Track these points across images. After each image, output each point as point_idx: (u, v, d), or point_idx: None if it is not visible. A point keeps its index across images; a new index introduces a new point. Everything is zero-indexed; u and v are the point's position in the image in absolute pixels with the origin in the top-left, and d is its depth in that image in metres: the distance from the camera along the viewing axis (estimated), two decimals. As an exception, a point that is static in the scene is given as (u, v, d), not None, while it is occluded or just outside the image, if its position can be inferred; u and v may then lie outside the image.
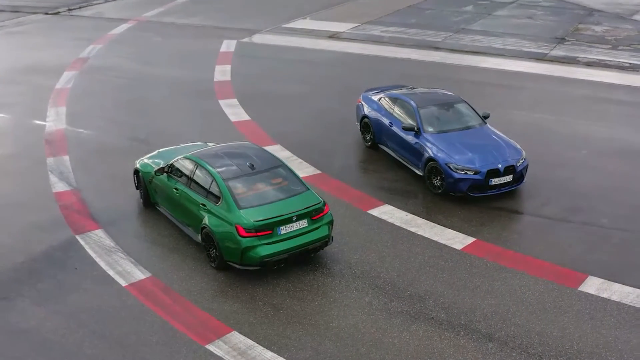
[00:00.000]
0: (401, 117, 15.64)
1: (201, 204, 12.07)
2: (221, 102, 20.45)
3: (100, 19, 32.34)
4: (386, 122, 16.01)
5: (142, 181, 14.01)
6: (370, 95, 17.14)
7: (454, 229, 13.24)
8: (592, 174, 15.55)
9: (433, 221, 13.55)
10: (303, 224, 11.61)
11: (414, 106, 15.45)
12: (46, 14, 33.75)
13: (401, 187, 15.03)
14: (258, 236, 11.27)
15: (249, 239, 11.25)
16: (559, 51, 25.02)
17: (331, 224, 12.02)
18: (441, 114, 15.44)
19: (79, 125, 18.91)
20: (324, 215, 11.87)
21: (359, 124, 17.29)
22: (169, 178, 13.06)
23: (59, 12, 33.96)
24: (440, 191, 14.37)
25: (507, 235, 13.07)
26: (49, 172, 15.92)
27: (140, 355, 9.99)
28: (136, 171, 14.23)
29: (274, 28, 29.45)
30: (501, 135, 15.12)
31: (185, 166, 12.79)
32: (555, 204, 14.15)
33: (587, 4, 32.70)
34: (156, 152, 14.52)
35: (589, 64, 23.49)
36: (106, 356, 10.00)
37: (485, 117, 15.69)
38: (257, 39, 27.95)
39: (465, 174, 13.95)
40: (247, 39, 27.78)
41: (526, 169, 14.54)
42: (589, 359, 9.77)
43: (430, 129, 14.98)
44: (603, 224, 13.40)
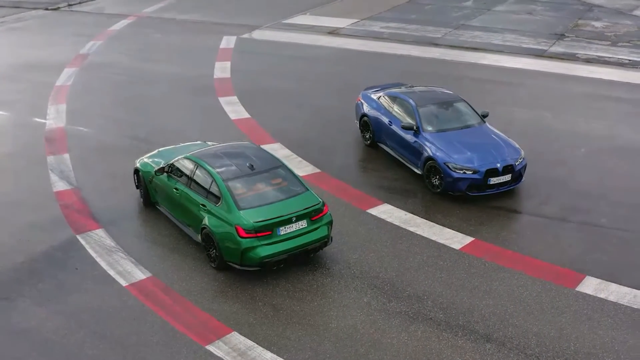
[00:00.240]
0: (400, 116, 15.69)
1: (201, 204, 12.13)
2: (221, 99, 20.48)
3: (100, 15, 32.32)
4: (385, 120, 16.05)
5: (142, 180, 14.07)
6: (369, 94, 17.18)
7: (452, 228, 13.31)
8: (591, 172, 15.60)
9: (432, 220, 13.61)
10: (302, 224, 11.67)
11: (413, 105, 15.49)
12: (46, 9, 33.74)
13: (400, 186, 15.09)
14: (258, 237, 11.34)
15: (248, 239, 11.31)
16: (558, 47, 25.03)
17: (330, 224, 12.08)
18: (440, 113, 15.49)
19: (79, 123, 18.96)
20: (323, 216, 11.94)
21: (358, 123, 17.33)
22: (169, 178, 13.12)
23: (59, 8, 33.95)
24: (439, 190, 14.43)
25: (506, 235, 13.13)
26: (49, 171, 15.98)
27: (141, 356, 10.07)
28: (136, 170, 14.29)
29: (273, 24, 29.45)
30: (500, 134, 15.17)
31: (185, 166, 12.85)
32: (554, 203, 14.21)
33: (586, -1, 32.76)
34: (156, 152, 14.57)
35: (589, 60, 23.51)
36: (107, 357, 10.08)
37: (484, 116, 15.74)
38: (257, 35, 27.96)
39: (464, 173, 14.00)
40: (247, 35, 27.79)
41: (525, 168, 14.60)
42: (586, 359, 9.85)
43: (430, 128, 15.03)
44: (602, 224, 13.46)
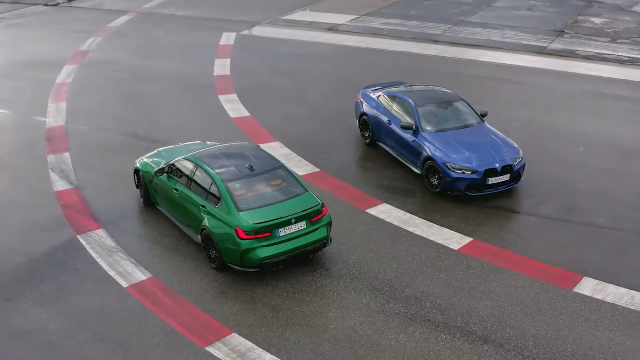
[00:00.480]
0: (399, 115, 15.74)
1: (201, 205, 12.19)
2: (220, 97, 20.52)
3: (100, 11, 32.31)
4: (385, 119, 16.10)
5: (142, 180, 14.13)
6: (368, 93, 17.22)
7: (451, 228, 13.37)
8: (589, 171, 15.65)
9: (431, 220, 13.68)
10: (301, 225, 11.74)
11: (412, 104, 15.53)
12: (46, 5, 33.72)
13: (399, 185, 15.15)
14: (257, 238, 11.41)
15: (248, 241, 11.38)
16: (557, 44, 25.04)
17: (329, 225, 12.15)
18: (439, 113, 15.53)
19: (79, 121, 19.01)
20: (322, 217, 12.00)
21: (357, 121, 17.38)
22: (169, 178, 13.18)
23: (58, 4, 33.93)
24: (438, 190, 14.49)
25: (504, 235, 13.20)
26: (49, 170, 16.04)
27: (142, 358, 10.15)
28: (136, 170, 14.35)
29: (273, 20, 29.44)
30: (498, 133, 15.22)
31: (184, 167, 12.90)
32: (552, 203, 14.27)
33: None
34: (156, 152, 14.63)
35: (588, 57, 23.53)
36: (108, 358, 10.16)
37: (483, 115, 15.78)
38: (257, 31, 27.96)
39: (463, 173, 14.06)
40: (246, 32, 27.79)
41: (523, 167, 14.65)
42: (582, 361, 9.95)
43: (428, 128, 15.08)
44: (600, 224, 13.52)
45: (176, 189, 12.88)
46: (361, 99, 17.23)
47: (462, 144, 14.62)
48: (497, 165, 14.16)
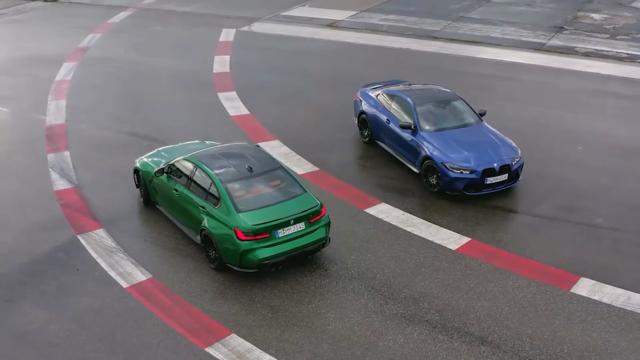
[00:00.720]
0: (398, 114, 15.79)
1: (200, 206, 12.26)
2: (220, 95, 20.57)
3: (99, 6, 32.33)
4: (383, 118, 16.16)
5: (142, 180, 14.20)
6: (367, 91, 17.27)
7: (449, 228, 13.44)
8: (587, 171, 15.70)
9: (429, 220, 13.75)
10: (300, 226, 11.81)
11: (411, 104, 15.57)
12: (45, 1, 33.72)
13: (398, 184, 15.21)
14: (256, 239, 11.48)
15: (247, 242, 11.46)
16: (557, 40, 25.06)
17: (328, 226, 12.22)
18: (438, 112, 15.58)
19: (79, 119, 19.07)
20: (321, 218, 12.07)
21: (356, 120, 17.44)
22: (168, 179, 13.24)
23: (57, 0, 33.90)
24: (436, 189, 14.56)
25: (502, 235, 13.27)
26: (49, 169, 16.10)
27: (142, 359, 10.23)
28: (136, 170, 14.41)
29: (273, 16, 29.47)
30: (497, 133, 15.28)
31: (184, 167, 12.97)
32: (551, 203, 14.33)
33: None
34: (155, 151, 14.69)
35: (587, 54, 23.56)
36: None
37: (481, 115, 15.83)
38: (256, 27, 27.99)
39: (461, 173, 14.12)
40: (246, 28, 27.82)
41: (521, 167, 14.71)
42: (579, 362, 10.04)
43: (427, 127, 15.13)
44: (597, 224, 13.58)
45: (176, 190, 12.95)
46: (360, 98, 17.28)
47: (460, 143, 14.67)
48: (495, 165, 14.22)
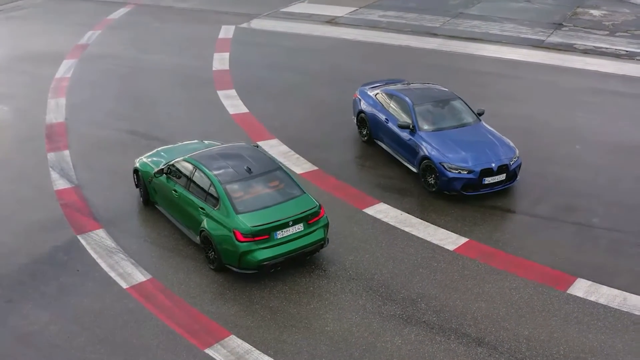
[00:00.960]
0: (397, 114, 15.84)
1: (200, 207, 12.32)
2: (219, 92, 20.60)
3: (98, 3, 32.28)
4: (382, 118, 16.21)
5: (141, 180, 14.26)
6: (366, 90, 17.32)
7: (447, 228, 13.51)
8: (586, 170, 15.75)
9: (427, 220, 13.81)
10: (299, 228, 11.88)
11: (410, 103, 15.62)
12: (44, -4, 33.71)
13: (397, 184, 15.27)
14: (255, 241, 11.56)
15: (246, 243, 11.53)
16: (556, 37, 25.07)
17: (327, 227, 12.29)
18: (436, 112, 15.63)
19: (79, 117, 19.11)
20: (319, 219, 12.14)
21: (355, 119, 17.48)
22: (168, 179, 13.30)
23: (56, -5, 33.91)
24: (434, 189, 14.62)
25: (499, 236, 13.34)
26: (49, 169, 16.16)
27: (142, 360, 10.35)
28: (135, 170, 14.48)
29: (272, 12, 29.46)
30: (495, 132, 15.33)
31: (183, 168, 13.02)
32: (548, 203, 14.39)
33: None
34: (155, 151, 14.75)
35: (586, 51, 23.57)
36: (109, 361, 10.36)
37: (479, 114, 15.88)
38: (256, 24, 27.98)
39: (459, 173, 14.18)
40: (245, 25, 27.82)
41: (519, 167, 14.77)
42: (574, 363, 10.13)
43: (425, 127, 15.18)
44: (594, 224, 13.64)
45: (175, 190, 13.02)
46: (359, 97, 17.33)
47: (458, 143, 14.73)
48: (493, 164, 14.28)
